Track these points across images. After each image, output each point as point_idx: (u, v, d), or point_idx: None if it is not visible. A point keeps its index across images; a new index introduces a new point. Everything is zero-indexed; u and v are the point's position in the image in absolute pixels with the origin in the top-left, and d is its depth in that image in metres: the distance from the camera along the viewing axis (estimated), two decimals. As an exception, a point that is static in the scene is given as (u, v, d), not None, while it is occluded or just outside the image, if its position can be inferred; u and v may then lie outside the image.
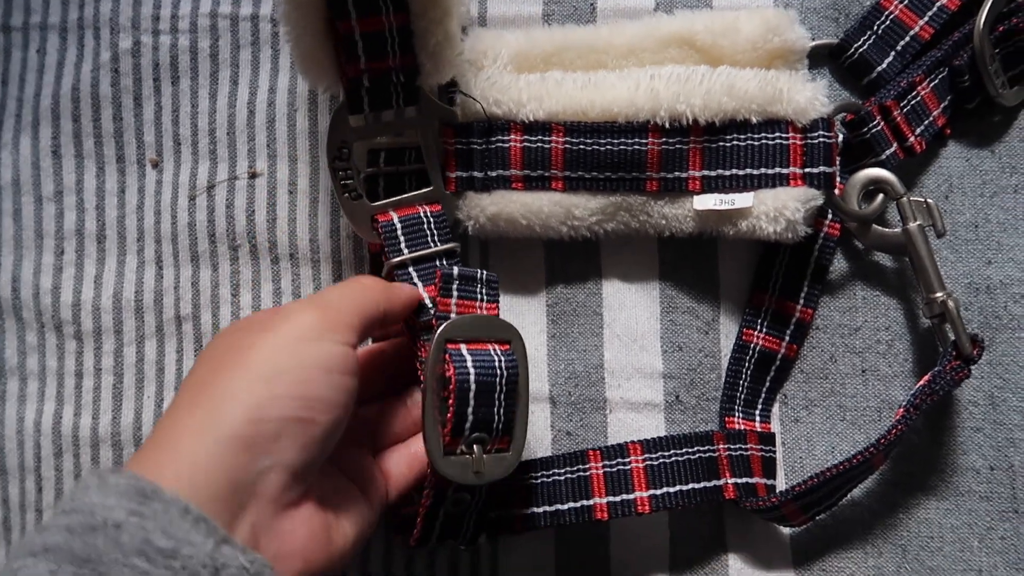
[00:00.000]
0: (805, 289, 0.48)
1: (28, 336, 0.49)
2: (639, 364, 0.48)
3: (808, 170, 0.44)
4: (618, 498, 0.44)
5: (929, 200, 0.46)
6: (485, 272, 0.41)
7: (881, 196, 0.46)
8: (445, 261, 0.43)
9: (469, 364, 0.38)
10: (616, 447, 0.45)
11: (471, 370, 0.38)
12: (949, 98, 0.48)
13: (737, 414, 0.48)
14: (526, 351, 0.40)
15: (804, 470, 0.48)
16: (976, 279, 0.48)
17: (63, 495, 0.48)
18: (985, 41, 0.46)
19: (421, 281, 0.42)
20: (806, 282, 0.48)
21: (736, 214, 0.45)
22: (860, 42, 0.48)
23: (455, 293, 0.41)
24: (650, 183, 0.45)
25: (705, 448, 0.45)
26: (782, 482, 0.48)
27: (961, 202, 0.48)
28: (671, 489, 0.44)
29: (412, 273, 0.42)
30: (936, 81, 0.47)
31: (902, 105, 0.47)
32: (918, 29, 0.47)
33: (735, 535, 0.47)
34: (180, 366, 0.49)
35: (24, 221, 0.50)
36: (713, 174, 0.45)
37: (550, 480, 0.45)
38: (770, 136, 0.45)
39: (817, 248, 0.48)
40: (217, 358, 0.35)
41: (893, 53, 0.48)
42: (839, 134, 0.47)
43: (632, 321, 0.48)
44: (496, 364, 0.39)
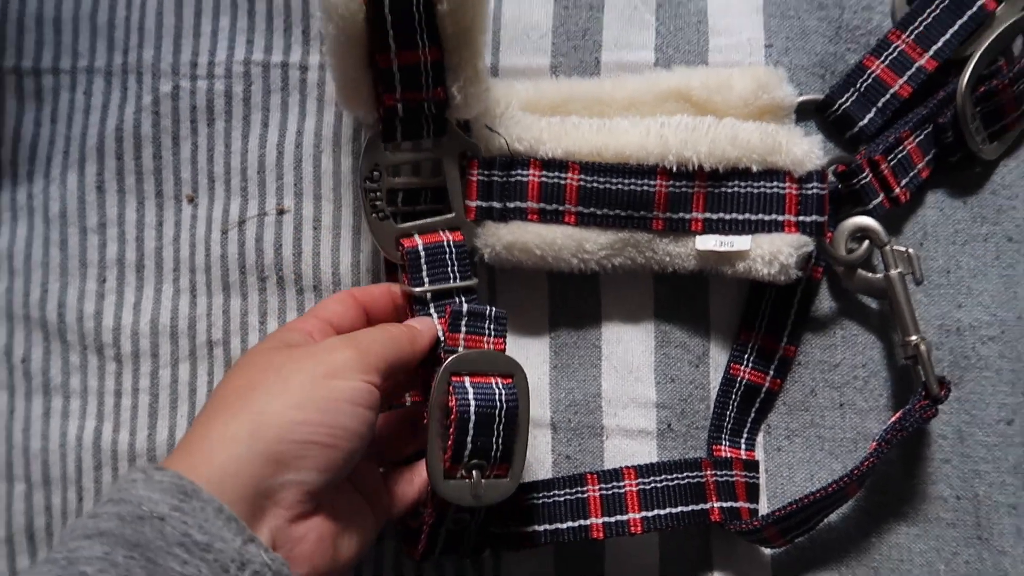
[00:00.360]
0: (789, 327, 0.49)
1: (72, 357, 0.51)
2: (634, 394, 0.49)
3: (802, 218, 0.46)
4: (613, 519, 0.45)
5: (911, 250, 0.47)
6: (494, 309, 0.42)
7: (867, 243, 0.47)
8: (463, 297, 0.45)
9: (471, 396, 0.40)
10: (612, 471, 0.46)
11: (472, 401, 0.39)
12: (933, 151, 0.49)
13: (724, 442, 0.49)
14: (528, 384, 0.41)
15: (785, 496, 0.49)
16: (947, 321, 0.49)
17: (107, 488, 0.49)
18: (967, 101, 0.48)
19: (437, 313, 0.44)
20: (790, 320, 0.49)
21: (734, 255, 0.46)
22: (844, 98, 0.49)
23: (463, 328, 0.42)
24: (656, 222, 0.47)
25: (694, 474, 0.46)
26: (764, 506, 0.49)
27: (935, 249, 0.50)
28: (662, 511, 0.45)
29: (431, 306, 0.44)
30: (922, 136, 0.49)
31: (889, 158, 0.48)
32: (897, 88, 0.48)
33: (720, 555, 0.49)
34: (211, 387, 0.50)
35: (70, 251, 0.51)
36: (715, 217, 0.46)
37: (551, 500, 0.46)
38: (768, 184, 0.46)
39: (800, 289, 0.49)
40: (256, 375, 0.38)
41: (874, 110, 0.49)
42: (830, 185, 0.47)
43: (628, 354, 0.50)
44: (497, 397, 0.40)
